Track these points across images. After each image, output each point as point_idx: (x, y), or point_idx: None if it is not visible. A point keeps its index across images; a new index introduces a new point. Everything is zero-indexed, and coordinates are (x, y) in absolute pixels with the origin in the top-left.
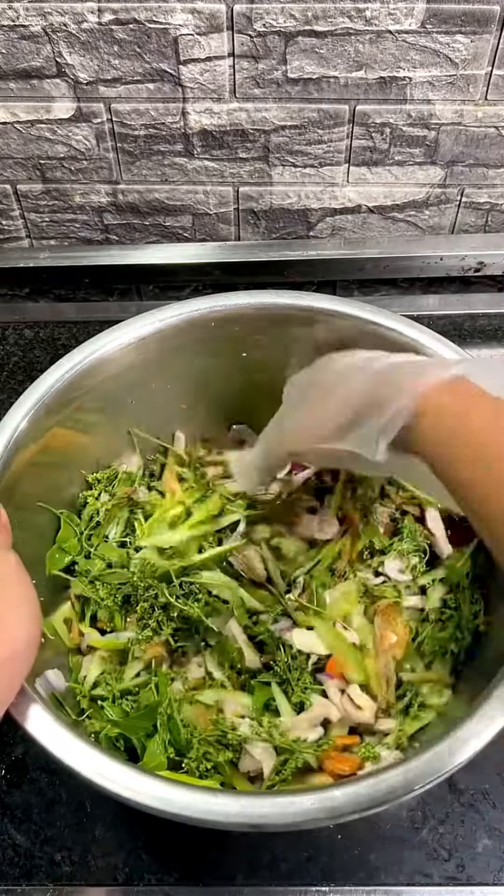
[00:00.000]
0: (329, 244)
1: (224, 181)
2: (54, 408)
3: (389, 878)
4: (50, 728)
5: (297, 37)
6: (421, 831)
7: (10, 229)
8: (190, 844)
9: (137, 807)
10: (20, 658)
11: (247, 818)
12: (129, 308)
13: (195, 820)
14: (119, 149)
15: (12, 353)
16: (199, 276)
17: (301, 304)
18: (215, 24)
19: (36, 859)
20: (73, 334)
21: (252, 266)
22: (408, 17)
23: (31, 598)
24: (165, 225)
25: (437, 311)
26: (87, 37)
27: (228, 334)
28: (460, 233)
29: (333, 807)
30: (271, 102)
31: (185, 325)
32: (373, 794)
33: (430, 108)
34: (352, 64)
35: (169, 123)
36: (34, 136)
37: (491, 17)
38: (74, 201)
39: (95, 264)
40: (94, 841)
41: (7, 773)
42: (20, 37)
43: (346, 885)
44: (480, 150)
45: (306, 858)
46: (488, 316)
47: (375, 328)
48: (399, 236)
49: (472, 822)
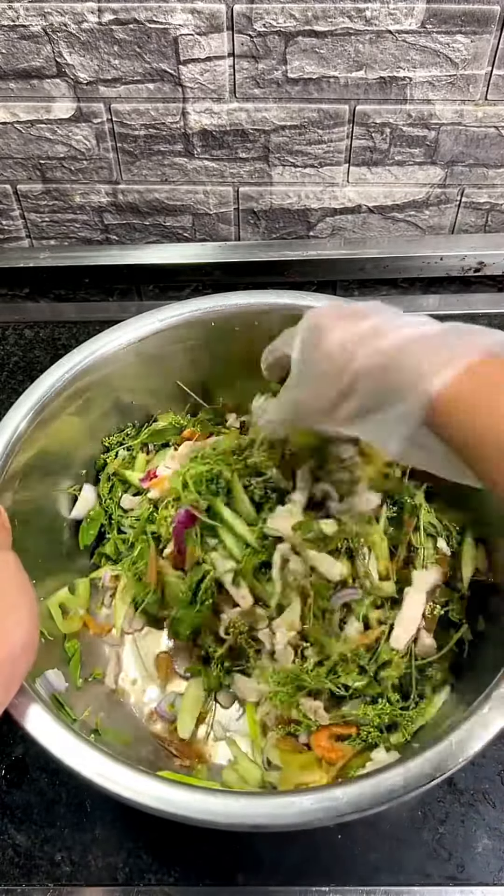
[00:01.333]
0: (329, 244)
1: (224, 181)
2: (54, 408)
3: (389, 878)
4: (50, 728)
5: (297, 37)
6: (421, 831)
7: (10, 229)
8: (190, 844)
9: (137, 807)
10: (18, 660)
11: (247, 818)
12: (129, 308)
13: (195, 820)
14: (119, 149)
15: (12, 353)
16: (199, 276)
17: (301, 304)
18: (215, 24)
19: (36, 859)
20: (73, 334)
21: (252, 266)
22: (408, 17)
23: (29, 600)
24: (165, 225)
25: (437, 311)
26: (87, 37)
27: (228, 334)
28: (460, 233)
29: (333, 807)
30: (271, 102)
31: (185, 325)
32: (373, 794)
33: (430, 108)
34: (352, 64)
35: (169, 123)
36: (34, 136)
37: (491, 17)
38: (74, 201)
39: (95, 264)
40: (94, 841)
41: (7, 773)
42: (20, 37)
43: (346, 885)
44: (480, 150)
45: (306, 858)
46: (488, 316)
47: None
48: (399, 236)
49: (472, 822)
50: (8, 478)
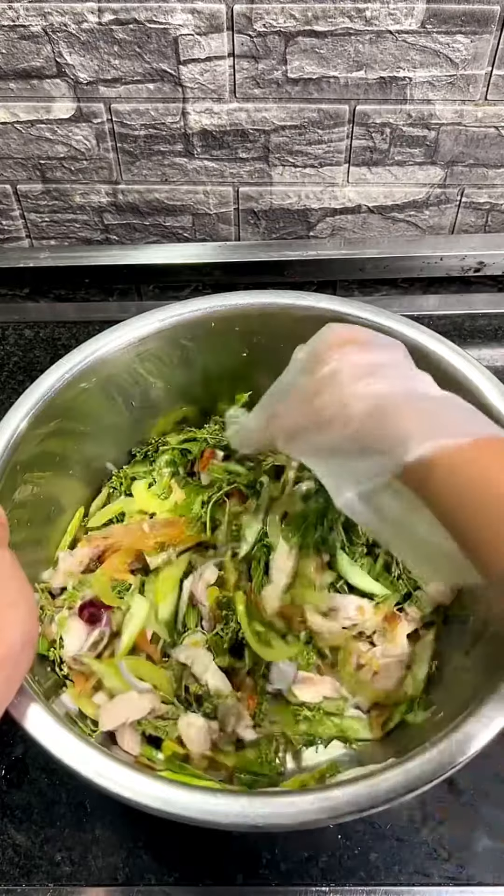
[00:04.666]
0: (329, 244)
1: (224, 181)
2: (54, 408)
3: (389, 878)
4: (50, 728)
5: (297, 37)
6: (421, 831)
7: (10, 229)
8: (190, 844)
9: (137, 807)
10: (18, 657)
11: (247, 818)
12: (129, 308)
13: (195, 820)
14: (119, 149)
15: (12, 353)
16: (199, 276)
17: (301, 304)
18: (215, 24)
19: (36, 859)
20: (73, 334)
21: (252, 266)
22: (408, 17)
23: (27, 598)
24: (165, 225)
25: (437, 311)
26: (87, 37)
27: (228, 334)
28: (460, 233)
29: (333, 807)
30: (271, 102)
31: (185, 325)
32: (373, 794)
33: (430, 108)
34: (352, 64)
35: (169, 123)
36: (34, 136)
37: (491, 17)
38: (74, 201)
39: (95, 264)
40: (94, 841)
41: (7, 773)
42: (20, 37)
43: (346, 885)
44: (480, 150)
45: (306, 858)
46: (488, 316)
47: (375, 328)
48: (399, 236)
49: (472, 822)
50: (8, 478)
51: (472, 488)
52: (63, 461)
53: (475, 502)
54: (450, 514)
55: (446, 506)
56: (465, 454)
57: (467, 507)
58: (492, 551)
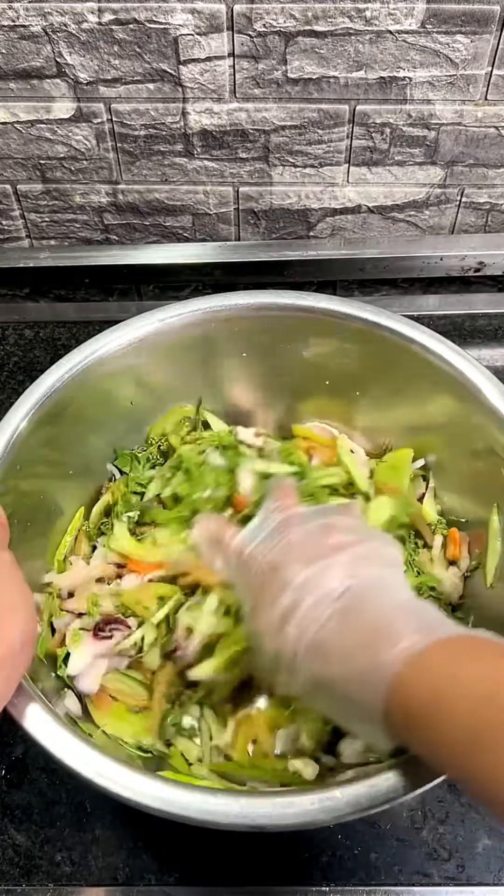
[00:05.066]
0: (329, 244)
1: (224, 181)
2: (54, 408)
3: (389, 878)
4: (50, 728)
5: (297, 37)
6: (421, 831)
7: (10, 229)
8: (190, 844)
9: (137, 807)
10: (17, 657)
11: (247, 818)
12: (129, 308)
13: (195, 820)
14: (119, 149)
15: (12, 353)
16: (199, 276)
17: (301, 304)
18: (215, 24)
19: (36, 859)
20: (73, 334)
21: (252, 266)
22: (408, 17)
23: (26, 598)
24: (165, 225)
25: (437, 311)
26: (87, 37)
27: (228, 334)
28: (460, 233)
29: (333, 807)
30: (271, 102)
31: (184, 325)
32: (373, 794)
33: (430, 108)
34: (352, 64)
35: (169, 123)
36: (34, 136)
37: (491, 17)
38: (74, 201)
39: (95, 264)
40: (94, 841)
41: (7, 773)
42: (20, 37)
43: (346, 885)
44: (480, 150)
45: (306, 858)
46: (488, 316)
47: (375, 328)
48: (399, 236)
49: (472, 822)
50: (8, 478)
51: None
52: (63, 461)
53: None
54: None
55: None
56: (433, 655)
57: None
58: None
